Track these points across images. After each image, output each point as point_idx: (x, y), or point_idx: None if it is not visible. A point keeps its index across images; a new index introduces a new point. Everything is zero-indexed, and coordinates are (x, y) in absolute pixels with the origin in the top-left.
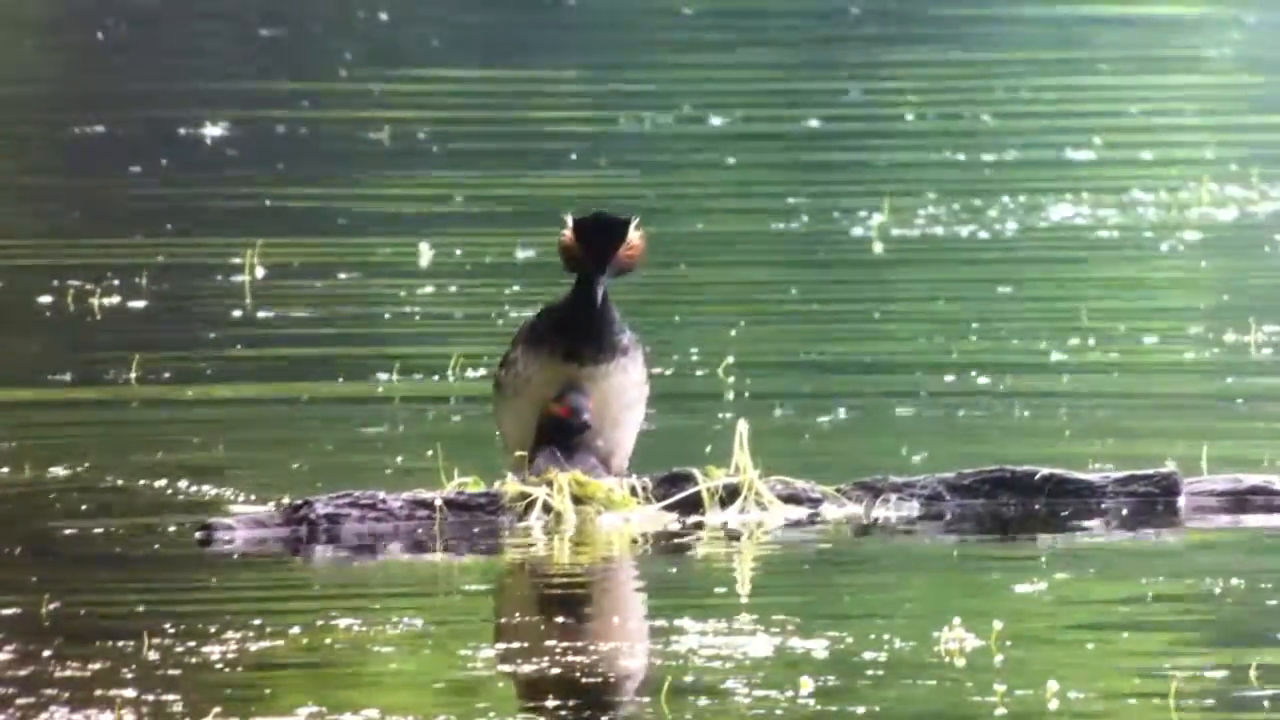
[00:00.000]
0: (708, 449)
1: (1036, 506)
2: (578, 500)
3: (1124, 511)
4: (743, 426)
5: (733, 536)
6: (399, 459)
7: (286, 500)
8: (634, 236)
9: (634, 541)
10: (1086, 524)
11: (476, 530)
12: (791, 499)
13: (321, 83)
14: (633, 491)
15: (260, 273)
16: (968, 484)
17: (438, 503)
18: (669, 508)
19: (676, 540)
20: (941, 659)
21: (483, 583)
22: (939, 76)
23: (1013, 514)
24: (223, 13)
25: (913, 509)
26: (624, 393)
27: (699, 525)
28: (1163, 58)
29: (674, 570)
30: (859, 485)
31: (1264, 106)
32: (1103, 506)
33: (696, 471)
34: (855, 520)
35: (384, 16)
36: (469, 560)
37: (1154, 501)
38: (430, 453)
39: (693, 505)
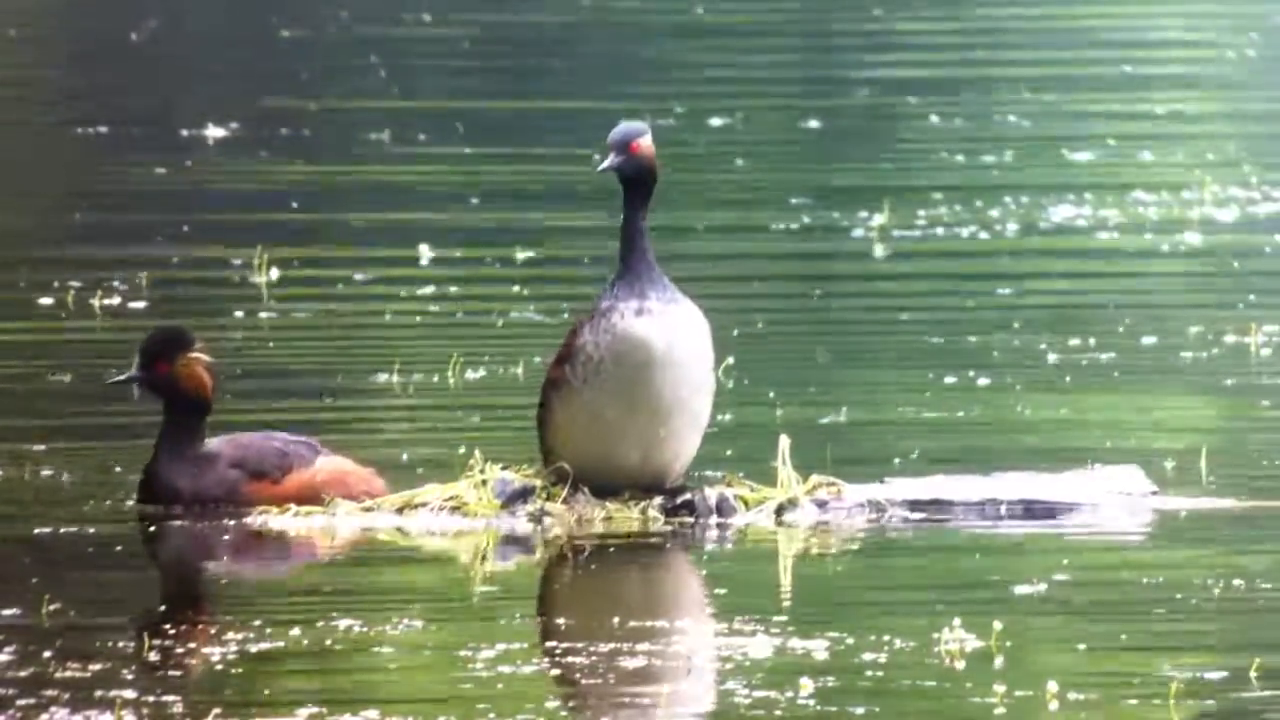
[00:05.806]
0: (728, 451)
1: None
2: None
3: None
4: (784, 443)
5: (733, 539)
6: (404, 456)
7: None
8: (644, 140)
9: (632, 543)
10: (1085, 525)
11: (476, 531)
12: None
13: (326, 80)
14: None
15: (274, 274)
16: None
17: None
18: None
19: (676, 542)
20: (941, 659)
21: (482, 583)
22: (940, 76)
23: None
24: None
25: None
26: (694, 350)
27: (698, 528)
28: (1168, 58)
29: (674, 572)
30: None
31: (1267, 105)
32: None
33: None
34: (856, 521)
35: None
36: (468, 561)
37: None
38: (466, 450)
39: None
